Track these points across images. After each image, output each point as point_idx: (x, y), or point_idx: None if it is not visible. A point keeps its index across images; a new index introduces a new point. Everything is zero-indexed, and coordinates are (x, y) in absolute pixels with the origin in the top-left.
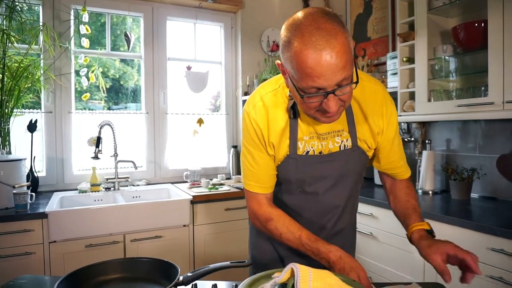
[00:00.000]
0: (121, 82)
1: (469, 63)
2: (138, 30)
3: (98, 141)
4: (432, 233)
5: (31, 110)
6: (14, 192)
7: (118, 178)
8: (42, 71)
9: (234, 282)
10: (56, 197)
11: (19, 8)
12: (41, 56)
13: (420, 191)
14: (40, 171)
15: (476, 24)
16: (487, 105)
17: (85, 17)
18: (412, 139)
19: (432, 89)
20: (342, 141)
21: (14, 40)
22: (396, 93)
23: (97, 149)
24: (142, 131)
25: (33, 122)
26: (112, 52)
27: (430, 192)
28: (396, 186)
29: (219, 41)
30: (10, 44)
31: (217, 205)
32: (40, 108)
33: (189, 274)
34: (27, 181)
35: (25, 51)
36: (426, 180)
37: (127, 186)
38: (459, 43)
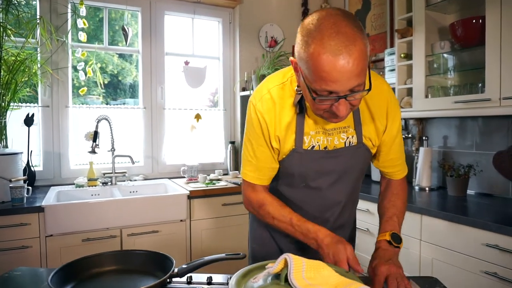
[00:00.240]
0: (120, 78)
1: (466, 59)
2: (136, 26)
3: (95, 136)
4: (393, 242)
5: (28, 104)
6: (10, 186)
7: (115, 173)
8: (39, 65)
9: (230, 275)
10: (53, 191)
11: (16, 2)
12: (38, 50)
13: (416, 188)
14: (37, 166)
15: (474, 21)
16: (484, 102)
17: (83, 11)
18: (410, 135)
19: (429, 86)
20: (348, 138)
21: (10, 33)
22: (393, 89)
23: (94, 144)
24: (140, 126)
25: (30, 116)
26: (109, 46)
27: (427, 189)
28: (388, 189)
29: (217, 36)
30: (6, 37)
31: (214, 200)
32: (37, 102)
33: (184, 266)
34: (24, 175)
35: (22, 45)
36: (423, 177)
37: (124, 181)
38: (457, 40)
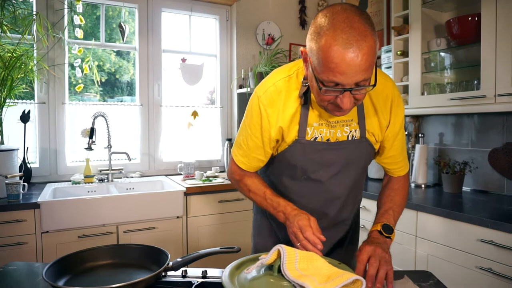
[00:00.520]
0: (117, 76)
1: (462, 56)
2: (133, 24)
3: (91, 132)
4: (384, 232)
5: (24, 100)
6: (6, 182)
7: (112, 170)
8: (35, 61)
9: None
10: (49, 188)
11: None
12: (35, 46)
13: (412, 185)
14: (33, 162)
15: (470, 18)
16: (479, 98)
17: (79, 7)
18: (406, 133)
19: (425, 83)
20: (351, 131)
21: (6, 29)
22: None
23: (90, 140)
24: (137, 123)
25: (26, 112)
26: (106, 43)
27: (423, 186)
28: (388, 185)
29: (214, 34)
30: (2, 33)
31: (210, 197)
32: (33, 99)
33: (179, 259)
34: (20, 172)
35: (18, 41)
36: (419, 174)
37: (120, 178)
38: (453, 37)
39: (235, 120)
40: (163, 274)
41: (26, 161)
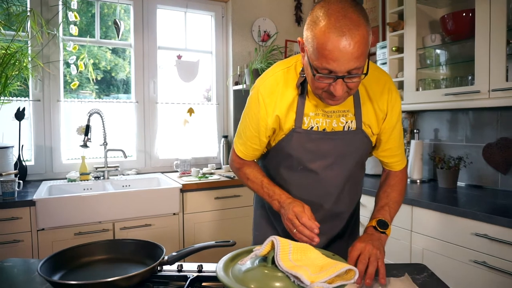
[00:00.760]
0: (113, 74)
1: (457, 52)
2: (129, 21)
3: (87, 129)
4: (378, 227)
5: (19, 98)
6: (1, 180)
7: (108, 167)
8: (29, 58)
9: None
10: (45, 185)
11: None
12: (29, 43)
13: (408, 180)
14: (29, 160)
15: (464, 14)
16: (474, 94)
17: (74, 3)
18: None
19: (420, 79)
20: (347, 122)
21: (0, 26)
22: None
23: (86, 137)
24: (132, 121)
25: (21, 110)
26: (101, 40)
27: (418, 181)
28: (386, 180)
29: (209, 31)
30: None
31: (207, 194)
32: (28, 96)
33: (174, 253)
34: (15, 170)
35: (12, 38)
36: (414, 169)
37: (117, 175)
38: (447, 33)
39: (231, 117)
40: (158, 268)
41: (21, 159)
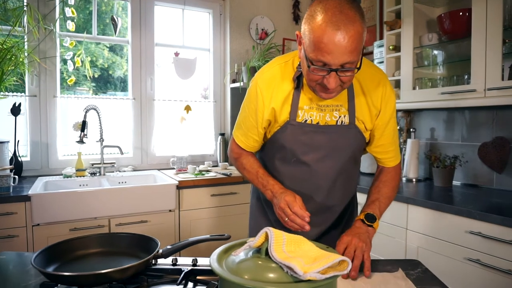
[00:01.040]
0: (110, 72)
1: (453, 51)
2: (127, 19)
3: (83, 125)
4: (366, 221)
5: (15, 93)
6: None
7: (104, 164)
8: (26, 54)
9: None
10: (40, 181)
11: None
12: (25, 38)
13: (404, 179)
14: (24, 156)
15: (461, 13)
16: (470, 93)
17: None
18: (398, 127)
19: (417, 78)
20: (340, 117)
21: None
22: None
23: (82, 134)
24: (129, 117)
25: (16, 105)
26: (98, 36)
27: (414, 180)
28: (378, 177)
29: (207, 28)
30: None
31: (203, 191)
32: (24, 92)
33: (169, 246)
34: (10, 165)
35: (8, 33)
36: (410, 168)
37: (113, 172)
38: (444, 32)
39: (228, 114)
40: (153, 261)
41: (17, 154)
